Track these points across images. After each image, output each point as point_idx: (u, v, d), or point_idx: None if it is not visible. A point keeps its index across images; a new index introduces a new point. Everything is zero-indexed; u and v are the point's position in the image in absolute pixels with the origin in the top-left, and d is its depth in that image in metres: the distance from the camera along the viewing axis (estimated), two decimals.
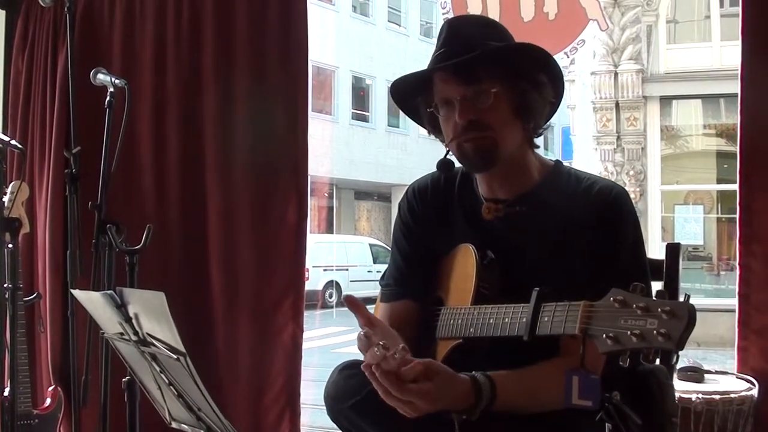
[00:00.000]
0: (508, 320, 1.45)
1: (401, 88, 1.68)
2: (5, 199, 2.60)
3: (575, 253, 1.52)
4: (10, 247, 2.49)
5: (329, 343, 9.65)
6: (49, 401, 3.07)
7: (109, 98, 2.23)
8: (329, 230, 18.96)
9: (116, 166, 2.19)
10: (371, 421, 1.51)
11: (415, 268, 1.73)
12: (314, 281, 12.43)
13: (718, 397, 2.32)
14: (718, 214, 12.17)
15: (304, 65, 3.01)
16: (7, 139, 2.60)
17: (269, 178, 3.02)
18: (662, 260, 1.77)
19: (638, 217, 1.65)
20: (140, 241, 2.01)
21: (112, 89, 2.25)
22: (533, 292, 1.39)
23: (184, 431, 1.67)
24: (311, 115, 3.30)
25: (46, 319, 3.18)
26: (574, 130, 12.07)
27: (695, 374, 2.47)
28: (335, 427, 1.62)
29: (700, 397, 2.31)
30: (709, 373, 2.53)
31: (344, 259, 14.57)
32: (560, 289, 1.38)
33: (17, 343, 2.53)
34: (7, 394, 2.50)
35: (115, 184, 2.27)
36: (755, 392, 2.37)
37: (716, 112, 12.00)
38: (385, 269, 1.83)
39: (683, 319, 1.16)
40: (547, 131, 1.73)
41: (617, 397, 1.25)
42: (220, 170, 3.06)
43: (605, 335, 1.23)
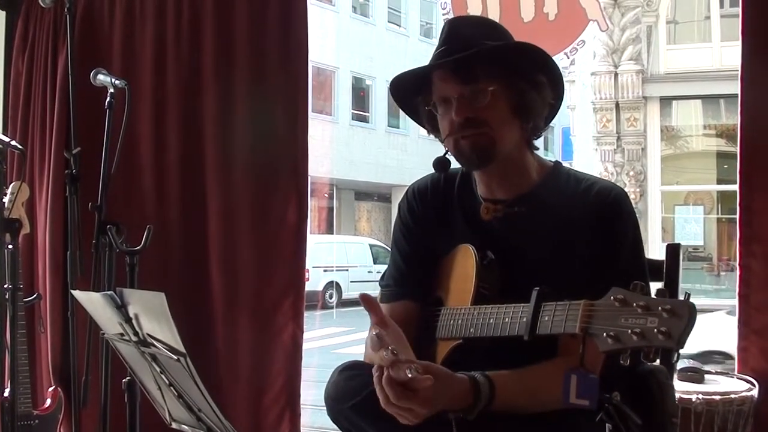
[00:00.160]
0: (508, 320, 1.45)
1: (401, 85, 1.68)
2: (5, 199, 2.60)
3: (575, 253, 1.52)
4: (10, 247, 2.49)
5: (329, 343, 9.64)
6: (49, 402, 3.07)
7: (109, 99, 2.23)
8: (329, 231, 18.94)
9: (116, 166, 2.19)
10: (371, 421, 1.51)
11: (414, 268, 1.73)
12: (314, 282, 12.42)
13: (718, 397, 2.31)
14: (718, 214, 12.18)
15: (304, 65, 3.02)
16: (7, 139, 2.60)
17: (269, 178, 3.01)
18: (662, 261, 1.77)
19: (638, 217, 1.65)
20: (140, 241, 2.01)
21: (112, 90, 2.25)
22: (533, 291, 1.39)
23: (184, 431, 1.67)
24: (311, 115, 3.30)
25: (46, 319, 3.18)
26: (574, 130, 12.08)
27: (695, 375, 2.47)
28: (335, 427, 1.62)
29: (700, 397, 2.31)
30: (709, 373, 2.53)
31: (344, 259, 14.56)
32: (560, 289, 1.38)
33: (17, 343, 2.54)
34: (7, 394, 2.51)
35: (115, 184, 2.27)
36: (755, 393, 2.37)
37: (716, 112, 12.01)
38: (384, 270, 1.83)
39: (684, 317, 1.16)
40: (547, 132, 1.73)
41: (617, 397, 1.25)
42: (220, 170, 3.06)
43: (606, 334, 1.23)
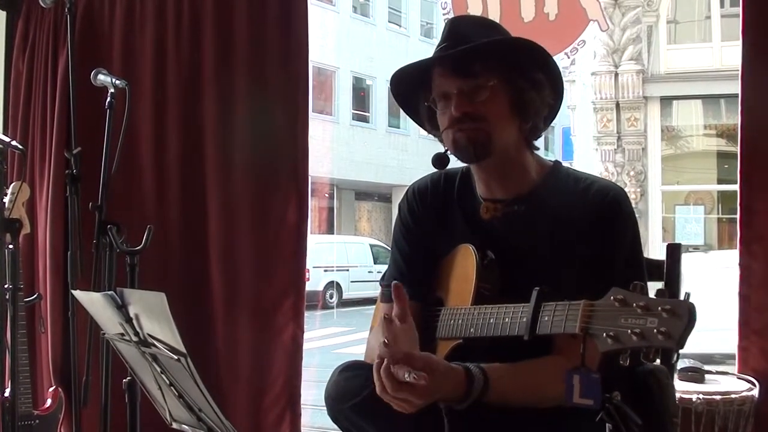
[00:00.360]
0: (508, 320, 1.45)
1: (402, 80, 1.69)
2: (6, 199, 2.60)
3: (574, 253, 1.52)
4: (10, 247, 2.49)
5: (330, 343, 9.64)
6: (49, 402, 3.07)
7: (109, 99, 2.22)
8: (330, 231, 18.94)
9: (117, 166, 2.19)
10: (371, 421, 1.51)
11: (415, 268, 1.73)
12: (315, 282, 12.42)
13: (718, 397, 2.31)
14: (718, 214, 12.18)
15: (304, 66, 3.01)
16: (7, 139, 2.60)
17: (269, 178, 3.01)
18: (663, 261, 1.77)
19: (638, 217, 1.65)
20: (141, 241, 2.01)
21: (112, 90, 2.25)
22: (533, 291, 1.40)
23: None
24: (311, 115, 3.29)
25: (46, 319, 3.18)
26: (574, 130, 12.08)
27: (696, 374, 2.47)
28: (335, 427, 1.62)
29: (700, 397, 2.31)
30: (709, 373, 2.53)
31: (345, 259, 14.55)
32: (560, 289, 1.38)
33: (18, 343, 2.53)
34: (7, 394, 2.50)
35: (115, 184, 2.26)
36: (756, 392, 2.36)
37: (717, 112, 12.01)
38: (385, 270, 1.83)
39: (683, 317, 1.16)
40: (547, 132, 1.73)
41: (618, 397, 1.25)
42: (220, 170, 3.06)
43: (605, 334, 1.23)
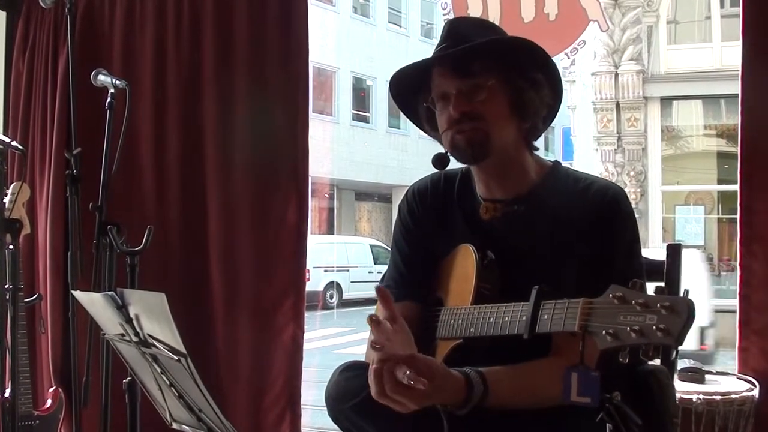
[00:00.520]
0: (508, 319, 1.45)
1: (401, 80, 1.69)
2: (6, 200, 2.60)
3: (574, 252, 1.52)
4: (10, 248, 2.49)
5: (330, 343, 9.65)
6: (49, 402, 3.07)
7: (109, 99, 2.23)
8: (330, 231, 18.94)
9: (117, 167, 2.19)
10: (371, 421, 1.51)
11: (415, 269, 1.73)
12: (315, 282, 12.43)
13: (718, 397, 2.31)
14: (718, 214, 12.16)
15: (304, 66, 3.02)
16: (7, 140, 2.60)
17: (270, 178, 3.01)
18: (663, 261, 1.77)
19: (639, 218, 1.66)
20: (141, 242, 2.01)
21: (112, 90, 2.25)
22: (533, 290, 1.40)
23: None
24: (312, 116, 3.30)
25: (46, 320, 3.18)
26: (574, 130, 12.07)
27: (696, 375, 2.47)
28: (336, 427, 1.62)
29: (700, 397, 2.31)
30: (709, 373, 2.53)
31: (345, 259, 14.56)
32: (559, 287, 1.38)
33: (18, 344, 2.53)
34: (7, 395, 2.50)
35: (115, 185, 2.27)
36: (756, 393, 2.36)
37: (717, 112, 12.00)
38: (385, 271, 1.83)
39: (682, 314, 1.16)
40: (547, 132, 1.73)
41: (618, 397, 1.25)
42: (220, 170, 3.06)
43: (605, 332, 1.23)
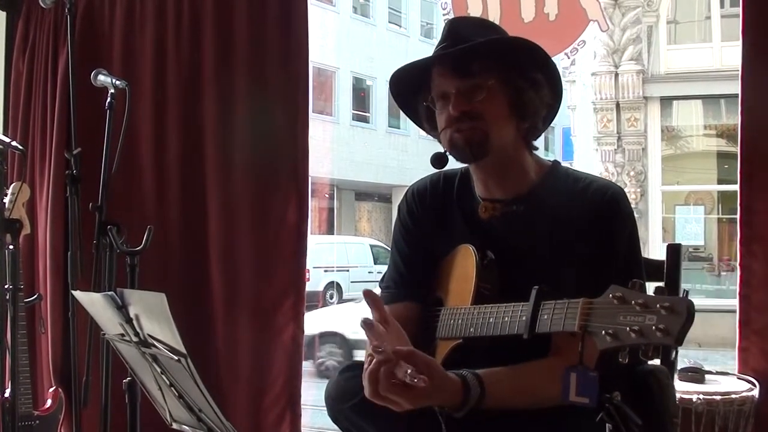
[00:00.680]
0: (508, 319, 1.45)
1: (401, 79, 1.69)
2: (6, 200, 2.60)
3: (573, 252, 1.52)
4: (10, 248, 2.49)
5: None
6: (49, 402, 3.07)
7: (109, 99, 2.23)
8: (330, 231, 18.93)
9: (117, 167, 2.19)
10: (371, 421, 1.51)
11: (414, 270, 1.73)
12: (315, 282, 12.41)
13: (718, 397, 2.31)
14: (718, 214, 12.16)
15: (304, 66, 3.02)
16: (7, 140, 2.60)
17: (269, 178, 3.01)
18: (663, 261, 1.77)
19: (638, 218, 1.66)
20: (141, 242, 2.01)
21: (112, 90, 2.25)
22: (532, 290, 1.40)
23: None
24: (312, 116, 3.30)
25: (46, 320, 3.18)
26: (574, 130, 12.06)
27: (696, 375, 2.47)
28: (335, 427, 1.62)
29: (700, 397, 2.31)
30: (709, 373, 2.53)
31: (345, 260, 14.54)
32: (559, 287, 1.38)
33: (18, 344, 2.53)
34: (7, 395, 2.50)
35: (115, 185, 2.27)
36: (756, 393, 2.36)
37: (717, 112, 11.99)
38: (385, 271, 1.83)
39: (682, 314, 1.17)
40: (547, 132, 1.73)
41: (618, 397, 1.25)
42: (220, 170, 3.06)
43: (604, 332, 1.23)
